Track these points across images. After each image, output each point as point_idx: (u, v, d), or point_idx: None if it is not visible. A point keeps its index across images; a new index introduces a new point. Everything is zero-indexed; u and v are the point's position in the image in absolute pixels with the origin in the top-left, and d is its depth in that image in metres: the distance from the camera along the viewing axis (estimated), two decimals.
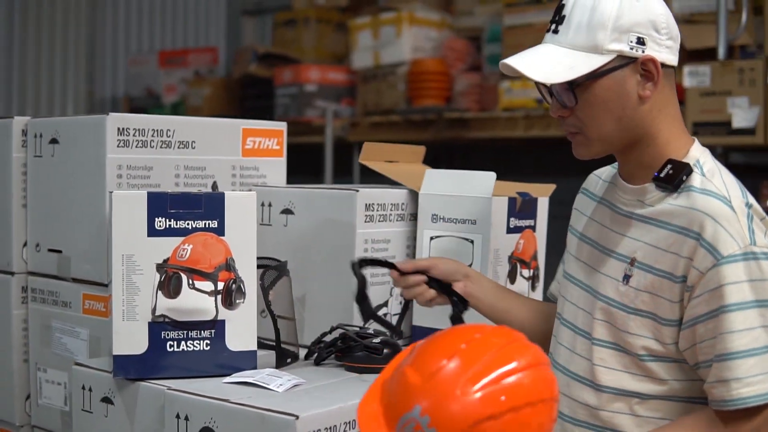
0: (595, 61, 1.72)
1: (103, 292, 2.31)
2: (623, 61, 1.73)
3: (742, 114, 4.32)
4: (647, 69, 1.75)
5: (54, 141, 2.39)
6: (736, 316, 1.65)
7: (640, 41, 1.73)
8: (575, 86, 1.75)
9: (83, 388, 2.12)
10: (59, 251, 2.40)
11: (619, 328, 1.79)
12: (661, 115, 1.80)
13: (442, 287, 2.11)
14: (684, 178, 1.75)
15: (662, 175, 1.77)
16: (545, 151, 6.71)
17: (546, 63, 1.75)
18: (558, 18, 1.77)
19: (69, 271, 2.38)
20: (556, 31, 1.77)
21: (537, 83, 1.82)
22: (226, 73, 7.81)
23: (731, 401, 1.66)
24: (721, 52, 4.63)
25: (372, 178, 2.73)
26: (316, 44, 7.12)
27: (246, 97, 7.04)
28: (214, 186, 2.46)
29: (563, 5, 1.77)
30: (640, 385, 1.77)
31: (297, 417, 1.75)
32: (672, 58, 1.78)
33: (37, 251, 2.46)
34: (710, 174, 1.78)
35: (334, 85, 6.80)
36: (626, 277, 1.79)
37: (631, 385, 1.77)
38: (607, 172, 2.02)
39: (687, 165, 1.76)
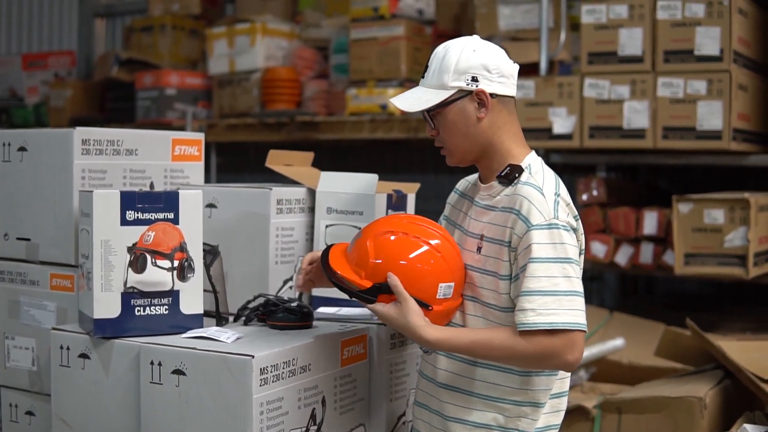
0: (442, 95, 2.45)
1: (69, 271, 2.84)
2: (462, 93, 2.45)
3: (561, 122, 5.13)
4: (480, 98, 2.45)
5: (22, 149, 2.89)
6: (538, 266, 2.31)
7: (474, 79, 2.44)
8: (431, 113, 2.48)
9: (61, 347, 2.65)
10: (27, 239, 2.91)
11: (477, 285, 2.47)
12: (500, 131, 2.50)
13: None
14: (517, 175, 2.44)
15: (503, 174, 2.46)
16: (386, 150, 7.42)
17: (413, 99, 2.50)
18: (426, 69, 2.51)
19: (37, 256, 2.90)
20: (423, 77, 2.51)
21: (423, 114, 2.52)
22: (80, 76, 8.16)
23: (525, 324, 2.31)
24: (543, 67, 5.44)
25: (225, 177, 3.27)
26: (171, 49, 7.57)
27: (108, 99, 7.46)
28: (152, 186, 3.02)
29: (429, 61, 2.50)
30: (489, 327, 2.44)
31: (253, 356, 2.36)
32: (506, 90, 2.49)
33: (6, 240, 2.96)
34: (535, 173, 2.46)
35: (192, 89, 7.29)
36: (479, 249, 2.47)
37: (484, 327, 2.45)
38: (474, 177, 2.70)
39: (520, 167, 2.46)
